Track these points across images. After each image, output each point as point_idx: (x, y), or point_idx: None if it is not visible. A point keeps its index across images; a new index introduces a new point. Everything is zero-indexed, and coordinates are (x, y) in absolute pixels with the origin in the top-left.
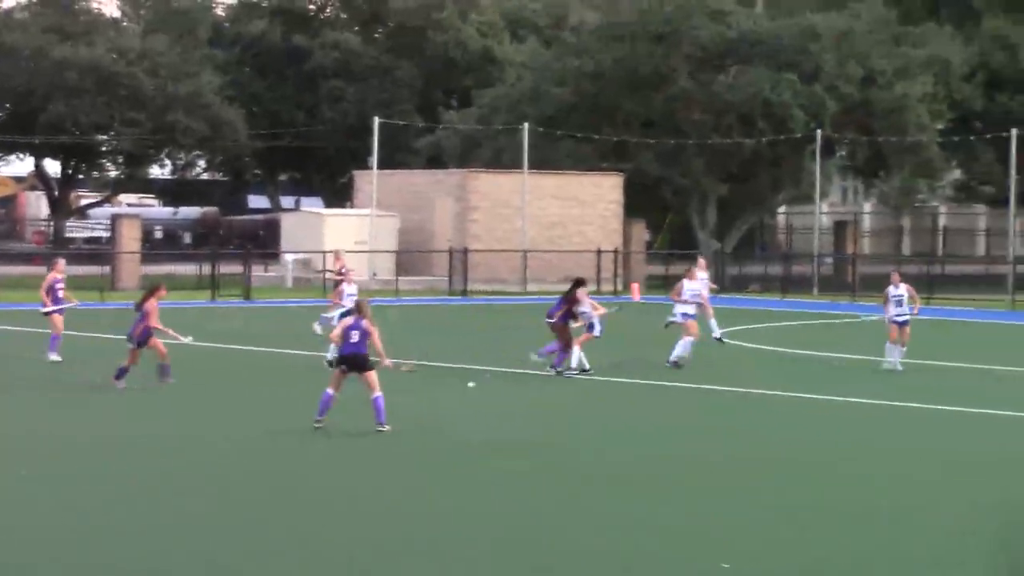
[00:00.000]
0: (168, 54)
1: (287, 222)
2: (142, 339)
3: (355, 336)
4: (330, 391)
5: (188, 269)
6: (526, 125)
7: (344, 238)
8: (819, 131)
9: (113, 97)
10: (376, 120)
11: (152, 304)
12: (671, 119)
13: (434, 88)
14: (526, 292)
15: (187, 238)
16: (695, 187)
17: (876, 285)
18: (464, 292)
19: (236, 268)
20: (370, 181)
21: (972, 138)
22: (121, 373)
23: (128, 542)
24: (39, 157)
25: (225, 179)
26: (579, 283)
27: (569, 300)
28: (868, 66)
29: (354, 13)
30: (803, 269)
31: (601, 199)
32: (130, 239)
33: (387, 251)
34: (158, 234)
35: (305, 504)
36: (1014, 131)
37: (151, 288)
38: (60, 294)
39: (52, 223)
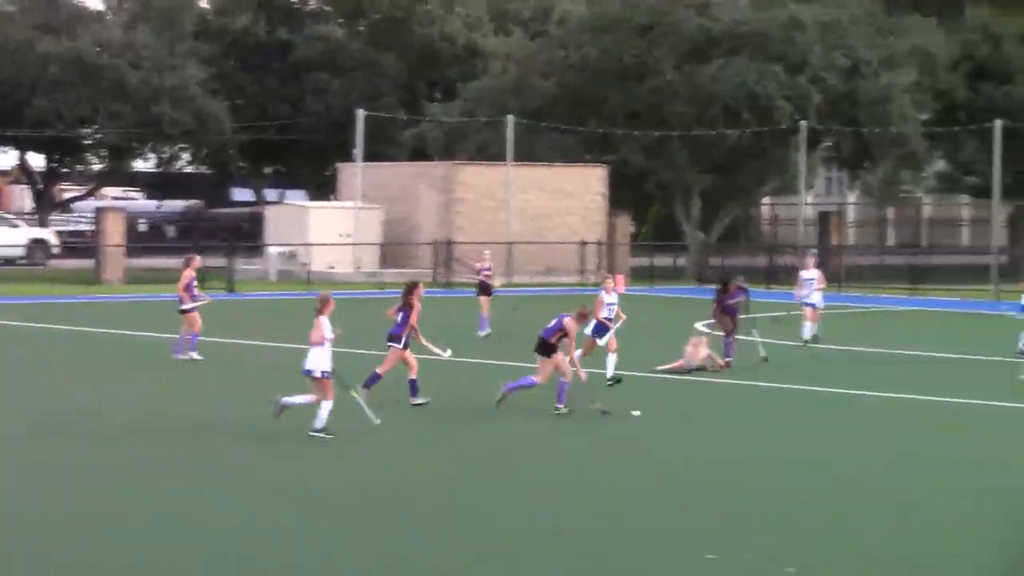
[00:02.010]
0: (152, 47)
1: (271, 215)
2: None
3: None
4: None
5: (172, 262)
6: (510, 117)
7: (328, 231)
8: (804, 122)
9: (97, 90)
10: (359, 113)
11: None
12: (656, 111)
13: (418, 81)
14: (511, 284)
15: (171, 231)
16: (679, 179)
17: (862, 276)
18: (448, 284)
19: (220, 261)
20: (354, 174)
21: (956, 129)
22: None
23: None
24: (24, 151)
25: (209, 172)
26: (727, 281)
27: (720, 295)
28: (854, 57)
29: (338, 6)
30: (788, 260)
31: (586, 191)
32: (114, 232)
33: (371, 243)
34: (142, 227)
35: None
36: (998, 122)
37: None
38: (196, 291)
39: (37, 217)
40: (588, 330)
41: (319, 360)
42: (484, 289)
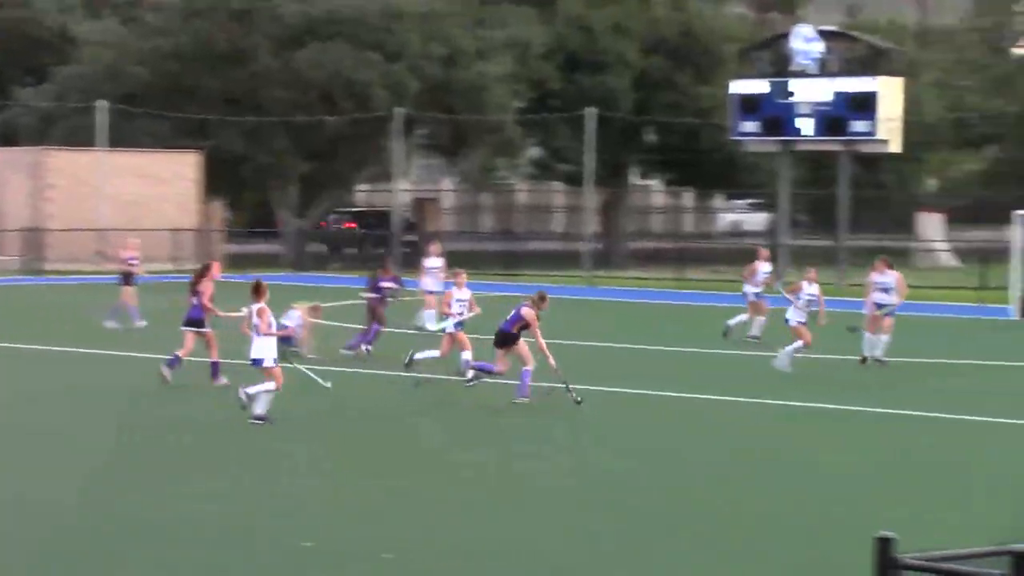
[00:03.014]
0: None
1: None
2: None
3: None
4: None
5: None
6: (99, 103)
7: None
8: (400, 110)
9: None
10: None
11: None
12: (254, 96)
13: (9, 66)
14: (105, 271)
15: None
16: (276, 165)
17: (459, 262)
18: (38, 272)
19: None
20: None
21: (550, 116)
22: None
23: None
24: None
25: None
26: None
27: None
28: (451, 46)
29: None
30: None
31: (179, 177)
32: None
33: None
34: None
35: None
36: (590, 110)
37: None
38: None
39: None
40: (449, 327)
41: (266, 349)
42: (127, 279)
